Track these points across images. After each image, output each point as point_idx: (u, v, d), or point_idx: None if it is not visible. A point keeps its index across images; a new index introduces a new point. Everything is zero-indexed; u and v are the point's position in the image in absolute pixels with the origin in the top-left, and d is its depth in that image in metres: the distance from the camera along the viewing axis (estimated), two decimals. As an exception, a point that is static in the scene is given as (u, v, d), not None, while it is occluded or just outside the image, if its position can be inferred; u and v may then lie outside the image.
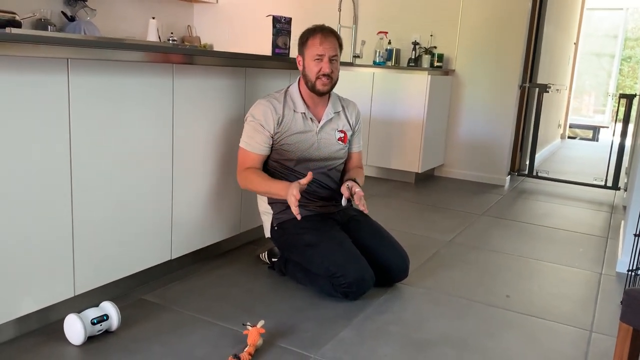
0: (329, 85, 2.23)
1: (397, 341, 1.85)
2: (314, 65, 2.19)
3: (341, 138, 2.35)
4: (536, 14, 4.89)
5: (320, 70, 2.18)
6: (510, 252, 2.85)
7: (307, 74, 2.22)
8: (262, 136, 2.20)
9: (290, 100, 2.26)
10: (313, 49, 2.19)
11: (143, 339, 1.75)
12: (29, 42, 1.53)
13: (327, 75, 2.19)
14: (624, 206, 3.89)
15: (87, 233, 1.81)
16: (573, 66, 8.41)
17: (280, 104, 2.23)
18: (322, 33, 2.20)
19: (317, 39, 2.19)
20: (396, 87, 4.31)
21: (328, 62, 2.18)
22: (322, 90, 2.22)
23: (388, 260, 2.23)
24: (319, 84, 2.20)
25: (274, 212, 2.29)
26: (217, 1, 5.55)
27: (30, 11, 4.04)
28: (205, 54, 2.19)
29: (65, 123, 1.68)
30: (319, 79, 2.19)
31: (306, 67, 2.22)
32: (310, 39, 2.20)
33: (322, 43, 2.18)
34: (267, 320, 1.91)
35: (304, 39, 2.23)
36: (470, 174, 4.71)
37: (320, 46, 2.18)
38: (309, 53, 2.20)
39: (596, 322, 2.10)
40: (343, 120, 2.37)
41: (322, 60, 2.18)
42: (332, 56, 2.19)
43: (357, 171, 2.43)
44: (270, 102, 2.22)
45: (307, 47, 2.21)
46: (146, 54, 1.93)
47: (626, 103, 4.23)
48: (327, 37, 2.19)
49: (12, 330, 1.71)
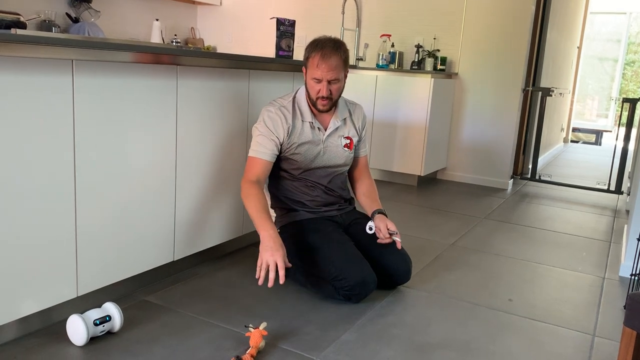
0: (328, 105, 2.16)
1: (400, 344, 1.84)
2: (314, 84, 2.13)
3: (347, 145, 2.31)
4: (539, 18, 4.89)
5: (319, 92, 2.12)
6: (512, 256, 2.85)
7: (309, 90, 2.17)
8: (271, 143, 2.15)
9: (298, 108, 2.22)
10: (312, 70, 2.10)
11: (145, 341, 1.75)
12: (34, 43, 1.54)
13: (324, 97, 2.12)
14: (627, 210, 3.88)
15: (90, 234, 1.81)
16: (576, 70, 8.40)
17: (290, 113, 2.18)
18: (322, 53, 2.07)
19: (315, 60, 2.08)
20: (399, 90, 4.31)
21: (326, 85, 2.10)
22: (322, 110, 2.18)
23: (390, 263, 2.23)
24: (319, 104, 2.16)
25: (276, 215, 2.29)
26: (221, 3, 5.56)
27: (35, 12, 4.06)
28: (208, 55, 2.20)
29: (70, 124, 1.69)
30: (319, 99, 2.14)
31: (307, 83, 2.17)
32: (310, 58, 2.11)
33: (319, 66, 2.07)
34: (270, 322, 1.91)
35: (306, 54, 2.14)
36: (472, 177, 4.71)
37: (318, 69, 2.08)
38: (310, 72, 2.13)
39: (599, 326, 2.09)
40: (349, 127, 2.33)
41: (320, 83, 2.10)
42: (331, 80, 2.09)
43: (372, 191, 2.38)
44: (281, 112, 2.17)
45: (308, 65, 2.13)
46: (150, 56, 1.93)
47: (629, 107, 4.23)
48: (326, 60, 2.06)
49: (15, 330, 1.71)
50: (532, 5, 4.36)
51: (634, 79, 10.38)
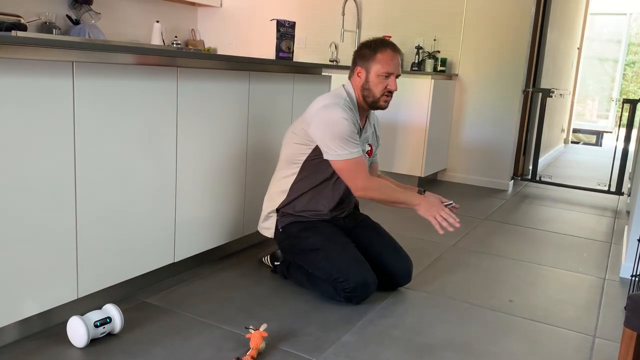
0: (390, 101, 2.18)
1: (400, 346, 1.84)
2: (380, 81, 2.11)
3: (368, 152, 2.31)
4: (539, 19, 4.89)
5: (387, 87, 2.12)
6: (513, 257, 2.85)
7: (372, 88, 2.13)
8: (358, 139, 2.11)
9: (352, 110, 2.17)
10: (383, 65, 2.10)
11: (146, 342, 1.76)
12: (35, 45, 1.54)
13: (390, 93, 2.14)
14: (628, 211, 3.88)
15: (90, 235, 1.82)
16: (576, 71, 8.40)
17: (354, 114, 2.15)
18: (393, 49, 2.12)
19: (388, 55, 2.10)
20: (399, 92, 4.31)
21: (395, 80, 2.13)
22: (384, 107, 2.17)
23: (391, 265, 2.23)
24: (383, 100, 2.14)
25: (278, 216, 2.28)
26: (221, 5, 5.57)
27: (36, 14, 4.06)
28: (209, 57, 2.20)
29: (70, 126, 1.69)
30: (384, 95, 2.13)
31: (370, 82, 2.12)
32: (379, 53, 2.10)
33: (393, 59, 2.11)
34: (270, 323, 1.91)
35: (373, 52, 2.11)
36: (473, 178, 4.71)
37: (392, 62, 2.11)
38: (376, 68, 2.10)
39: (600, 327, 2.09)
40: (372, 135, 2.33)
41: (390, 77, 2.12)
42: (398, 75, 2.14)
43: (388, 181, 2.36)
44: (350, 110, 2.11)
45: (376, 61, 2.11)
46: (150, 58, 1.94)
47: (630, 108, 4.23)
48: (396, 55, 2.12)
49: (15, 332, 1.71)
50: (532, 6, 4.36)
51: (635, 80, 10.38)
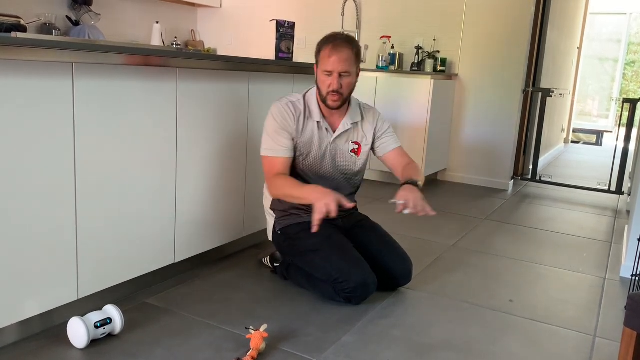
0: (339, 101, 2.12)
1: (400, 346, 1.84)
2: (324, 79, 2.09)
3: (354, 150, 2.26)
4: (539, 19, 4.89)
5: (329, 86, 2.09)
6: (513, 257, 2.84)
7: (319, 86, 2.13)
8: (284, 139, 2.12)
9: (307, 107, 2.18)
10: (323, 62, 2.08)
11: (146, 343, 1.76)
12: (34, 47, 1.54)
13: (335, 91, 2.09)
14: (628, 211, 3.88)
15: (90, 236, 1.82)
16: (576, 71, 8.40)
17: (299, 109, 2.16)
18: (334, 45, 2.05)
19: (327, 52, 2.06)
20: (399, 92, 4.31)
21: (337, 79, 2.06)
22: (332, 106, 2.14)
23: (391, 265, 2.23)
24: (329, 99, 2.11)
25: (276, 216, 2.28)
26: (221, 5, 5.57)
27: (35, 15, 4.06)
28: (208, 58, 2.20)
29: (70, 126, 1.69)
30: (329, 94, 2.10)
31: (318, 79, 2.13)
32: (322, 51, 2.09)
33: (331, 56, 2.04)
34: (270, 324, 1.91)
35: (318, 49, 2.11)
36: (473, 178, 4.71)
37: (329, 60, 2.05)
38: (321, 65, 2.10)
39: (600, 327, 2.09)
40: (359, 132, 2.27)
41: (332, 75, 2.07)
42: (342, 72, 2.06)
43: (409, 167, 2.26)
44: (289, 107, 2.14)
45: (320, 58, 2.10)
46: (150, 58, 1.94)
47: (630, 107, 4.23)
48: (338, 51, 2.05)
49: (16, 333, 1.71)
50: (532, 5, 4.36)
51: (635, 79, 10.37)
